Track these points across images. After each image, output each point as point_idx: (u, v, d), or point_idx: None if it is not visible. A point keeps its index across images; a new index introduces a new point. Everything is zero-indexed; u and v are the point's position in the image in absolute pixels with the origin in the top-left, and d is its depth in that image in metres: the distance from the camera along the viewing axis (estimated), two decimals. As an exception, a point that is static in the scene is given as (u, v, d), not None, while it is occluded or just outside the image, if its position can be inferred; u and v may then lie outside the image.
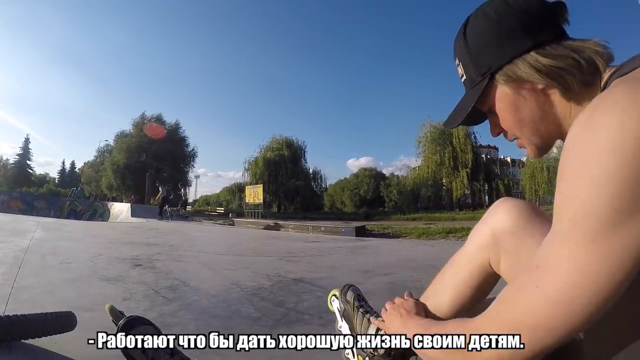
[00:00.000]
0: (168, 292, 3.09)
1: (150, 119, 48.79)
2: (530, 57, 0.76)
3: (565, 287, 0.61)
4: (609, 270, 0.58)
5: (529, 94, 0.79)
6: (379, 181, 58.52)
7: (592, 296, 0.59)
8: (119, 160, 45.02)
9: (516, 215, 1.00)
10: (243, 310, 2.67)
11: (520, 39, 0.77)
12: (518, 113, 0.82)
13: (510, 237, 0.99)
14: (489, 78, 0.82)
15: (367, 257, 6.25)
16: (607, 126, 0.58)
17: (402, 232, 14.38)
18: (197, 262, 5.00)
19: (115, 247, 6.22)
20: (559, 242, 0.63)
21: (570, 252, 0.61)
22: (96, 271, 3.87)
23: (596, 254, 0.59)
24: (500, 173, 47.10)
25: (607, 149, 0.57)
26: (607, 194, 0.57)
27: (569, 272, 0.61)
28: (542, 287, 0.64)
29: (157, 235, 8.88)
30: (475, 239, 1.08)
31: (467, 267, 1.08)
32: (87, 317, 2.22)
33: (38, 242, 6.23)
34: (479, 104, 0.86)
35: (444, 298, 1.10)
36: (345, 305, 1.39)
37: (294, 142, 49.92)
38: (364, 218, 34.00)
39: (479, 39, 0.84)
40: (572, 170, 0.62)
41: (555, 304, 0.62)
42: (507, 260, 1.00)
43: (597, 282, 0.59)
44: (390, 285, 3.61)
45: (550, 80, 0.75)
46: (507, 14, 0.79)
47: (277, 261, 5.38)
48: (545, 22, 0.78)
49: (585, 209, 0.59)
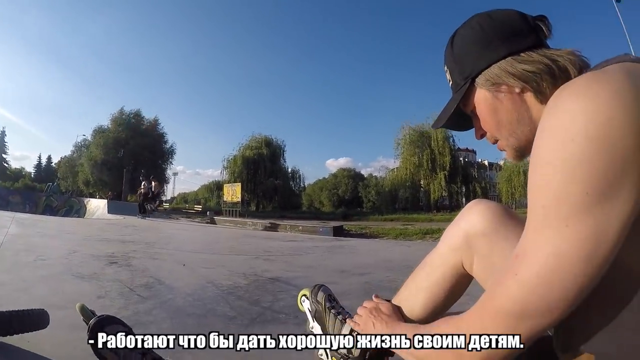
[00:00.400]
0: (143, 290, 3.07)
1: (129, 115, 48.04)
2: (506, 62, 0.83)
3: (543, 271, 0.63)
4: (586, 253, 0.60)
5: (506, 97, 0.85)
6: (358, 182, 58.74)
7: (571, 279, 0.61)
8: (97, 156, 44.18)
9: (489, 218, 1.01)
10: (218, 309, 2.67)
11: (498, 47, 0.85)
12: (496, 115, 0.88)
13: (483, 239, 1.00)
14: (470, 82, 0.89)
15: (343, 256, 6.27)
16: (572, 112, 0.62)
17: (379, 232, 14.49)
18: (173, 260, 4.98)
19: (91, 244, 6.13)
20: (534, 229, 0.66)
21: (546, 237, 0.64)
22: (71, 268, 3.81)
23: (571, 237, 0.61)
24: (478, 176, 47.69)
25: (573, 135, 0.60)
26: (577, 178, 0.60)
27: (545, 257, 0.63)
28: (521, 274, 0.66)
29: (134, 233, 8.77)
30: (448, 240, 1.08)
31: (440, 269, 1.08)
32: (61, 315, 2.19)
33: (12, 237, 6.12)
34: (462, 106, 0.94)
35: (417, 300, 1.11)
36: (317, 306, 1.39)
37: (273, 141, 49.75)
38: (341, 218, 34.05)
39: (463, 47, 0.92)
40: (542, 158, 0.65)
41: (534, 289, 0.64)
42: (480, 262, 1.01)
43: (575, 265, 0.61)
44: (366, 286, 3.64)
45: (524, 83, 0.82)
46: (488, 26, 0.87)
47: (254, 260, 5.38)
48: (523, 33, 0.84)
49: (557, 194, 0.62)
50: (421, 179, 44.50)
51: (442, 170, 42.17)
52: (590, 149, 0.58)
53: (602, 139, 0.58)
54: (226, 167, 47.66)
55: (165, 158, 50.07)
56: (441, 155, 42.26)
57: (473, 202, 1.09)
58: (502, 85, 0.84)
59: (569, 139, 0.60)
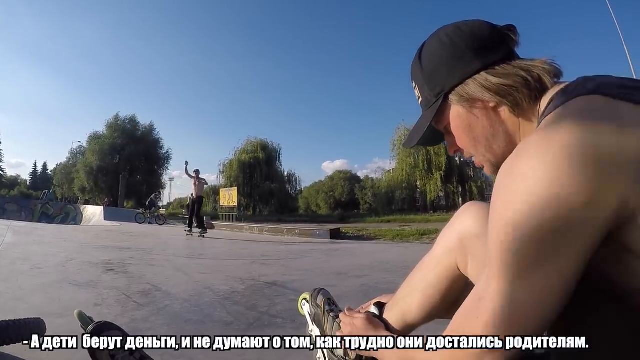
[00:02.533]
0: (140, 297, 3.07)
1: (124, 120, 47.92)
2: (480, 77, 0.81)
3: (500, 320, 0.67)
4: (536, 305, 0.65)
5: (481, 112, 0.84)
6: (354, 184, 58.66)
7: (524, 326, 0.66)
8: (92, 162, 44.06)
9: (483, 219, 0.99)
10: (215, 315, 2.67)
11: (471, 61, 0.82)
12: (472, 131, 0.86)
13: (477, 241, 0.99)
14: (443, 98, 0.87)
15: (341, 259, 6.30)
16: (522, 174, 0.62)
17: (376, 234, 14.44)
18: (170, 266, 4.96)
19: (88, 252, 6.13)
20: (492, 276, 0.69)
21: (500, 287, 0.67)
22: (67, 276, 3.81)
23: (522, 290, 0.65)
24: (474, 176, 47.63)
25: (523, 195, 0.61)
26: (527, 237, 0.61)
27: (500, 306, 0.67)
28: (481, 318, 0.69)
29: (130, 239, 8.77)
30: (443, 242, 1.09)
31: (435, 270, 1.09)
32: (58, 324, 2.20)
33: (8, 246, 6.11)
34: (435, 124, 0.92)
35: (413, 301, 1.11)
36: (316, 309, 1.40)
37: (269, 144, 49.66)
38: (338, 220, 34.00)
39: (432, 62, 0.89)
40: (496, 216, 0.67)
41: (491, 332, 0.68)
42: (474, 263, 1.01)
43: (527, 314, 0.65)
44: (364, 288, 3.65)
45: (500, 98, 0.80)
46: (458, 38, 0.85)
47: (251, 264, 5.39)
48: (495, 44, 0.83)
49: (510, 250, 0.64)
50: (417, 179, 44.42)
51: (438, 171, 42.11)
52: (538, 209, 0.59)
53: (549, 199, 0.58)
54: (222, 171, 47.62)
55: (161, 163, 49.99)
56: (437, 156, 42.20)
57: (467, 205, 1.09)
58: (477, 101, 0.83)
59: (519, 200, 0.62)
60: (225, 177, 46.69)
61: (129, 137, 46.26)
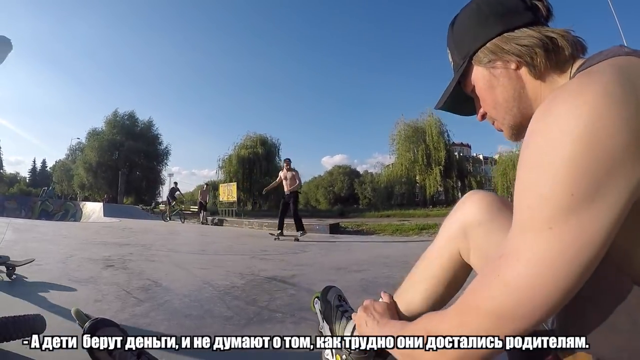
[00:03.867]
0: (140, 293, 3.08)
1: (123, 117, 47.81)
2: (500, 38, 0.87)
3: (526, 275, 0.62)
4: (569, 258, 0.60)
5: (502, 73, 0.88)
6: (353, 179, 58.56)
7: (553, 284, 0.60)
8: (91, 159, 43.94)
9: (485, 208, 1.02)
10: (215, 310, 2.67)
11: (493, 24, 0.88)
12: (493, 92, 0.91)
13: (479, 229, 1.00)
14: (468, 61, 0.93)
15: (340, 254, 6.30)
16: (561, 116, 0.61)
17: (376, 229, 14.44)
18: (169, 262, 4.97)
19: (87, 248, 6.11)
20: (519, 230, 0.65)
21: (529, 240, 0.63)
22: (67, 273, 3.80)
23: (554, 240, 0.60)
24: (473, 170, 47.74)
25: (560, 136, 0.60)
26: (563, 181, 0.59)
27: (528, 260, 0.62)
28: (503, 276, 0.65)
29: (130, 235, 8.77)
30: (445, 231, 1.09)
31: (438, 260, 1.09)
32: (59, 320, 2.20)
33: (8, 243, 6.09)
34: (463, 87, 0.98)
35: (416, 293, 1.11)
36: (326, 305, 1.42)
37: (268, 139, 49.51)
38: (338, 215, 33.99)
39: (460, 27, 0.95)
40: (530, 159, 0.65)
41: (516, 293, 0.63)
42: (477, 252, 1.02)
43: (557, 269, 0.60)
44: (363, 282, 3.65)
45: (517, 58, 0.85)
46: (485, 5, 0.90)
47: (250, 259, 5.40)
48: (518, 11, 0.87)
49: (542, 195, 0.61)
50: (417, 174, 44.38)
51: (438, 165, 42.09)
52: (576, 150, 0.58)
53: (589, 139, 0.57)
54: (221, 166, 47.47)
55: (160, 159, 49.89)
56: (436, 150, 42.18)
57: (469, 193, 1.10)
58: (497, 61, 0.88)
59: (556, 140, 0.60)
60: (224, 172, 46.59)
61: (128, 133, 46.12)
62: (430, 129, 42.08)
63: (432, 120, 42.50)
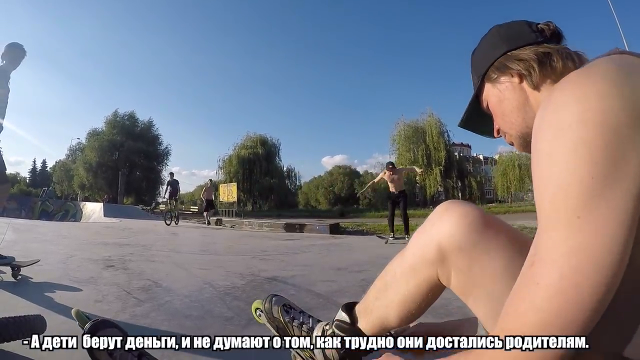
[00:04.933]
0: (140, 293, 3.08)
1: (123, 117, 47.83)
2: (505, 56, 0.96)
3: (566, 273, 0.58)
4: (605, 242, 0.57)
5: (507, 87, 0.96)
6: (354, 179, 58.66)
7: (596, 273, 0.56)
8: (91, 159, 44.00)
9: (465, 229, 0.91)
10: (216, 310, 2.67)
11: (501, 46, 0.98)
12: (501, 105, 0.98)
13: (461, 254, 0.91)
14: (482, 79, 1.02)
15: (340, 254, 6.30)
16: (565, 102, 0.63)
17: (376, 229, 14.44)
18: (170, 262, 4.98)
19: (88, 248, 6.12)
20: (546, 229, 0.62)
21: (559, 235, 0.59)
22: (68, 273, 3.80)
23: (586, 228, 0.57)
24: (473, 170, 47.80)
25: (569, 122, 0.60)
26: (580, 166, 0.58)
27: (564, 256, 0.58)
28: (543, 281, 0.60)
29: (130, 235, 8.78)
30: (419, 251, 0.99)
31: (413, 281, 1.00)
32: (59, 321, 2.20)
33: (8, 244, 6.08)
34: (480, 104, 1.07)
35: (390, 313, 1.05)
36: (277, 324, 1.33)
37: (268, 139, 49.62)
38: (338, 215, 34.04)
39: (478, 53, 1.06)
40: (541, 151, 0.64)
41: (560, 294, 0.58)
42: (459, 277, 0.93)
43: (596, 257, 0.57)
44: (363, 283, 3.65)
45: (517, 71, 0.93)
46: (496, 32, 1.02)
47: (251, 260, 5.40)
48: (523, 34, 0.96)
49: (562, 187, 0.60)
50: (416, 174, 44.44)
51: (438, 166, 42.12)
52: (587, 132, 0.58)
53: (597, 121, 0.58)
54: (221, 167, 47.56)
55: (160, 159, 49.93)
56: (436, 151, 42.21)
57: (444, 207, 1.00)
58: (502, 76, 0.97)
59: (565, 126, 0.60)
60: (224, 172, 46.66)
61: (128, 133, 46.19)
62: (430, 129, 42.14)
63: (432, 121, 42.57)
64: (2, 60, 3.71)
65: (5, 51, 3.72)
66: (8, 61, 3.74)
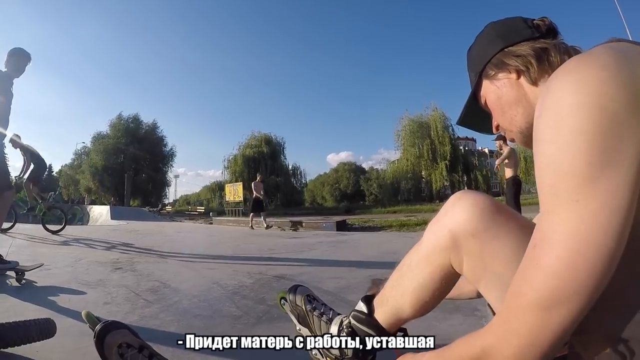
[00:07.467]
0: (149, 295, 3.08)
1: (127, 120, 48.04)
2: (502, 53, 0.97)
3: (564, 254, 0.60)
4: (602, 225, 0.58)
5: (504, 83, 0.97)
6: (359, 175, 58.73)
7: (593, 255, 0.59)
8: (97, 162, 44.36)
9: (477, 215, 0.93)
10: (224, 309, 2.68)
11: (497, 43, 0.99)
12: (499, 101, 0.99)
13: (472, 239, 0.93)
14: (479, 76, 1.03)
15: (348, 251, 6.31)
16: (563, 89, 0.64)
17: (382, 225, 14.45)
18: (177, 263, 4.99)
19: (96, 251, 6.14)
20: (546, 212, 0.64)
21: (559, 218, 0.62)
22: (76, 276, 3.82)
23: (584, 211, 0.59)
24: (479, 164, 47.60)
25: (567, 109, 0.62)
26: (578, 151, 0.59)
27: (562, 238, 0.61)
28: (543, 262, 0.63)
29: (138, 237, 8.79)
30: (433, 238, 1.01)
31: (427, 269, 1.02)
32: (69, 324, 2.21)
33: (17, 248, 6.11)
34: (478, 101, 1.08)
35: (406, 301, 1.06)
36: (298, 311, 1.38)
37: (272, 138, 49.79)
38: (344, 212, 34.00)
39: (474, 50, 1.07)
40: (541, 137, 0.66)
41: (559, 274, 0.60)
42: (470, 263, 0.95)
43: (593, 239, 0.59)
44: (372, 279, 3.62)
45: (515, 67, 0.94)
46: (492, 29, 1.03)
47: (258, 258, 5.42)
48: (519, 30, 0.97)
49: (560, 171, 0.62)
50: (422, 169, 44.39)
51: (443, 160, 42.12)
52: (584, 118, 0.59)
53: (594, 106, 0.59)
54: (227, 167, 47.81)
55: (165, 161, 50.17)
56: (441, 145, 42.21)
57: (457, 197, 1.01)
58: (500, 72, 0.97)
59: (563, 113, 0.62)
60: (230, 172, 46.89)
61: (133, 136, 46.52)
62: (434, 123, 42.13)
63: (436, 115, 42.54)
64: (5, 67, 3.72)
65: (8, 57, 3.73)
66: (11, 67, 3.74)
